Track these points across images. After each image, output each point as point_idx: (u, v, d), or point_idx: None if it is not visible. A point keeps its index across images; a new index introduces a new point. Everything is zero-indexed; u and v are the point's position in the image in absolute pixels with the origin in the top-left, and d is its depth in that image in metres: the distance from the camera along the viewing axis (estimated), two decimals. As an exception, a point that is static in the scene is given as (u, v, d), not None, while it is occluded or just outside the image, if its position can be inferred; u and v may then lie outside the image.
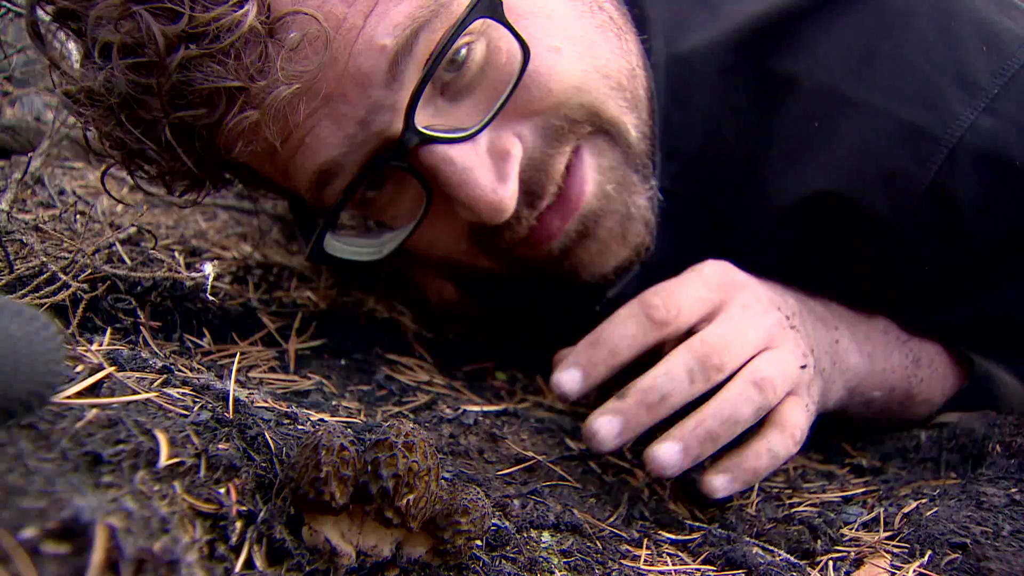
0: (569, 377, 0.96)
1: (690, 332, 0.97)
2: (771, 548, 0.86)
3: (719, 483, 0.91)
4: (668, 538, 0.89)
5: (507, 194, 0.93)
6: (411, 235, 1.02)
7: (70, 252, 0.96)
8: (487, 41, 0.92)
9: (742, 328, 0.96)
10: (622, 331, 0.96)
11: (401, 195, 1.02)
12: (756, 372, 0.93)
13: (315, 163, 0.92)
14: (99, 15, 0.80)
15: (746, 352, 0.95)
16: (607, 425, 0.91)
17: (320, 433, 0.61)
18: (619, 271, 1.12)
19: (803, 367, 0.98)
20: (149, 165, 0.91)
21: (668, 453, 0.89)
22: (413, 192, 0.99)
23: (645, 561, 0.81)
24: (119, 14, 0.79)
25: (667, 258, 1.16)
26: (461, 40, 0.88)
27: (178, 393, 0.73)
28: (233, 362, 0.86)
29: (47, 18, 0.88)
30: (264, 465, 0.66)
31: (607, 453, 0.90)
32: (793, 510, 0.95)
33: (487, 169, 0.94)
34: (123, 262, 1.02)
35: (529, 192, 0.99)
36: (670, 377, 0.91)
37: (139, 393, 0.67)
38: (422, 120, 0.90)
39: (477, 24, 0.88)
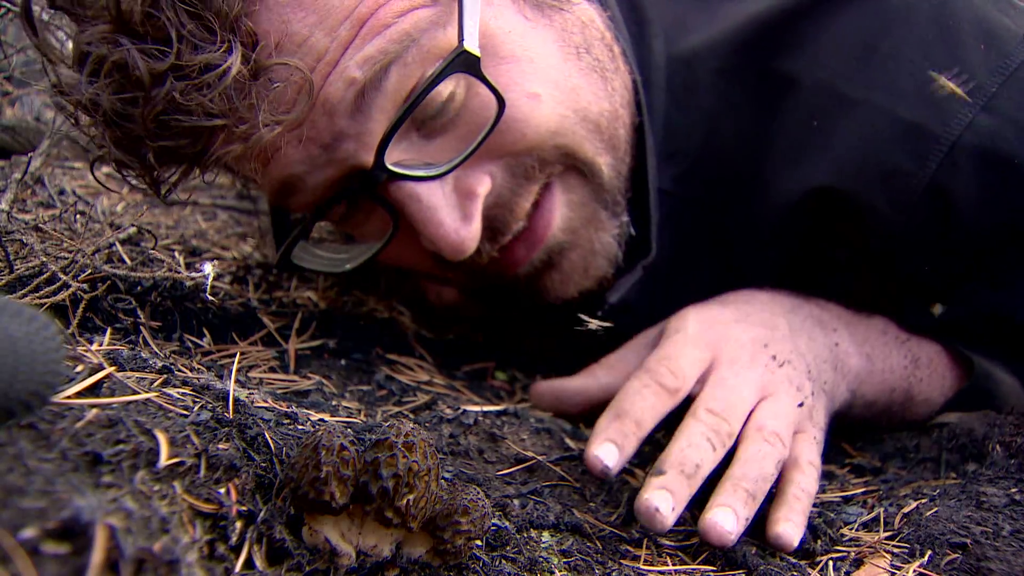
0: (607, 452, 0.91)
1: (689, 397, 0.98)
2: (771, 548, 0.85)
3: (791, 531, 0.87)
4: (668, 538, 0.89)
5: (469, 235, 0.96)
6: (377, 254, 1.05)
7: (70, 252, 0.96)
8: (466, 84, 0.93)
9: (737, 387, 0.96)
10: (642, 402, 0.95)
11: (370, 216, 1.04)
12: (764, 428, 0.93)
13: (278, 175, 0.95)
14: (88, 37, 0.80)
15: (746, 409, 0.95)
16: (665, 501, 0.84)
17: (320, 433, 0.61)
18: (583, 295, 1.14)
19: (800, 405, 0.98)
20: (133, 171, 0.91)
21: (726, 519, 0.84)
22: (382, 214, 1.01)
23: (645, 561, 0.81)
24: (108, 41, 0.80)
25: (668, 259, 1.16)
26: (442, 85, 0.89)
27: (178, 393, 0.73)
28: (233, 362, 0.86)
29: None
30: (264, 465, 0.66)
31: (669, 527, 0.85)
32: (793, 510, 0.95)
33: (452, 208, 0.96)
34: (123, 262, 1.02)
35: (492, 228, 1.02)
36: (696, 447, 0.90)
37: (139, 393, 0.67)
38: (394, 155, 0.92)
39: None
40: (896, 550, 0.83)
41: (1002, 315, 1.11)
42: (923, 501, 0.94)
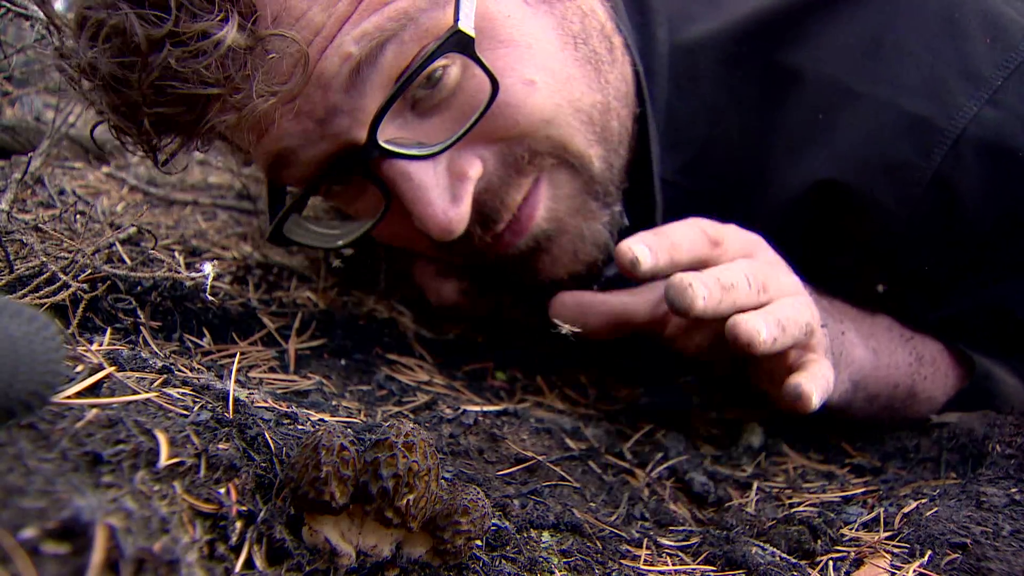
0: (641, 249, 0.91)
1: None
2: (771, 548, 0.85)
3: (812, 386, 0.90)
4: (668, 538, 0.89)
5: (457, 216, 0.96)
6: (370, 231, 1.05)
7: (70, 252, 0.96)
8: (462, 66, 0.93)
9: (776, 273, 0.98)
10: (683, 232, 0.96)
11: (364, 193, 1.05)
12: (799, 293, 0.96)
13: (272, 148, 0.95)
14: (88, 1, 0.81)
15: (782, 290, 0.96)
16: (700, 288, 0.87)
17: (320, 433, 0.61)
18: (572, 277, 1.15)
19: (824, 326, 1.00)
20: (130, 138, 0.92)
21: (756, 323, 0.87)
22: (375, 191, 1.01)
23: (645, 561, 0.81)
24: (107, 6, 0.80)
25: None
26: (436, 63, 0.89)
27: (178, 393, 0.73)
28: (233, 362, 0.86)
29: None
30: (264, 465, 0.66)
31: (696, 311, 0.87)
32: (793, 510, 0.95)
33: (442, 189, 0.96)
34: (123, 262, 1.02)
35: (483, 214, 1.02)
36: (734, 274, 0.91)
37: (139, 393, 0.67)
38: (388, 132, 0.92)
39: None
40: (896, 550, 0.83)
41: (1005, 309, 1.11)
42: (923, 501, 0.94)
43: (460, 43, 0.89)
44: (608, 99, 1.07)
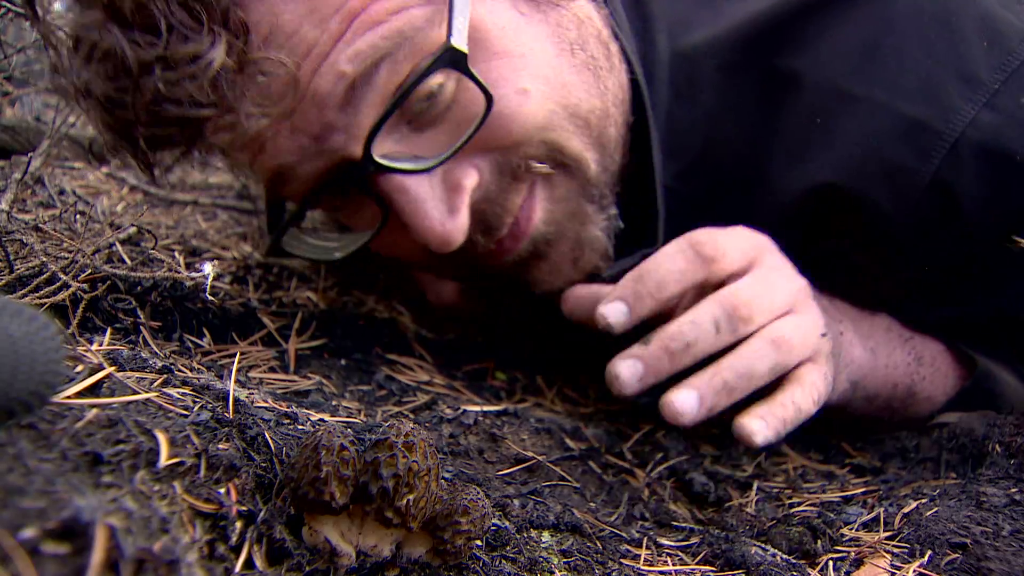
0: (614, 309, 0.94)
1: (721, 285, 0.98)
2: (771, 548, 0.85)
3: (756, 426, 0.91)
4: (668, 538, 0.89)
5: (455, 227, 0.96)
6: (367, 243, 1.05)
7: (70, 252, 0.96)
8: (457, 79, 0.93)
9: (772, 288, 0.97)
10: (670, 265, 0.96)
11: (362, 206, 1.05)
12: (776, 331, 0.95)
13: (269, 165, 0.96)
14: (83, 21, 0.82)
15: (773, 311, 0.96)
16: (628, 369, 0.91)
17: (320, 433, 0.61)
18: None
19: (823, 335, 0.99)
20: (127, 154, 0.92)
21: (685, 400, 0.90)
22: (373, 204, 1.01)
23: (645, 561, 0.81)
24: (99, 28, 0.80)
25: None
26: (431, 79, 0.89)
27: (178, 393, 0.73)
28: (233, 362, 0.86)
29: None
30: (264, 465, 0.66)
31: (629, 397, 0.91)
32: (793, 510, 0.95)
33: (439, 201, 0.96)
34: (123, 262, 1.02)
35: (484, 222, 1.02)
36: (696, 325, 0.92)
37: (139, 393, 0.67)
38: (384, 146, 0.93)
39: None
40: (896, 550, 0.83)
41: (1006, 314, 1.11)
42: (923, 501, 0.94)
43: (453, 59, 0.89)
44: (607, 105, 1.06)
